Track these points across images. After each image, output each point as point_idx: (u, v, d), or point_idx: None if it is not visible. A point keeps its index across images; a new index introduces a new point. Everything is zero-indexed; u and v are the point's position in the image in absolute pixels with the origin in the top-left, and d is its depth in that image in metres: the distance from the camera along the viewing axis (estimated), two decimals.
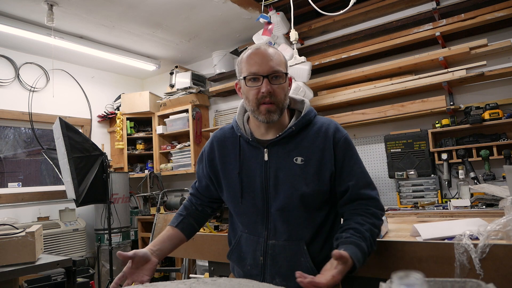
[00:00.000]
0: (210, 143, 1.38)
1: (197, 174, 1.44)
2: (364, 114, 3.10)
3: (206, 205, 1.43)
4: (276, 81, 1.19)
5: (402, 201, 2.86)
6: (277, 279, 1.20)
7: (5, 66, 3.79)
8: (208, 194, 1.41)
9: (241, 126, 1.30)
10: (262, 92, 1.17)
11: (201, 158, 1.41)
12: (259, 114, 1.20)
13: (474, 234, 1.19)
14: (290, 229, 1.20)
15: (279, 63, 1.20)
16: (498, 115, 2.56)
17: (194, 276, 3.37)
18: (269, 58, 1.19)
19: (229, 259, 1.35)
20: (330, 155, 1.20)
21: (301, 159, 1.20)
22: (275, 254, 1.21)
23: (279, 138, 1.23)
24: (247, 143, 1.28)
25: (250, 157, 1.27)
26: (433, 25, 2.88)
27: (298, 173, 1.20)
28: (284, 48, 3.10)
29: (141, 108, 4.41)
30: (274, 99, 1.18)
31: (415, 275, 0.43)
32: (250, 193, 1.25)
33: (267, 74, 1.17)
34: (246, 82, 1.21)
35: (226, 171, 1.30)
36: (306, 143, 1.22)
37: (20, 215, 3.70)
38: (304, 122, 1.25)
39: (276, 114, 1.20)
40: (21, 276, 2.44)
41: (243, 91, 1.24)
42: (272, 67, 1.18)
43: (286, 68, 1.25)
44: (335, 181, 1.22)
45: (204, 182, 1.40)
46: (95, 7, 3.12)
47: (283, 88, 1.21)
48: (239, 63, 1.26)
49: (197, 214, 1.42)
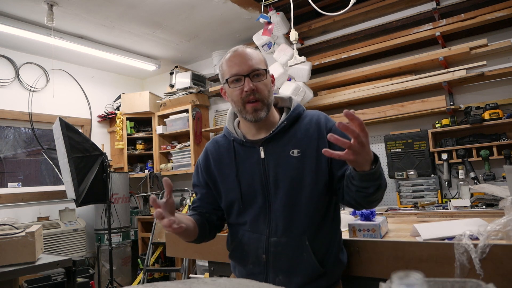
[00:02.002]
0: (205, 153, 1.38)
1: (195, 187, 1.41)
2: (364, 114, 3.10)
3: (211, 212, 1.38)
4: (257, 79, 1.22)
5: (402, 201, 2.86)
6: (280, 276, 1.21)
7: (5, 66, 3.79)
8: (210, 200, 1.37)
9: (233, 131, 1.32)
10: (245, 91, 1.20)
11: (196, 170, 1.41)
12: (246, 113, 1.23)
13: (474, 234, 1.19)
14: (291, 225, 1.21)
15: (258, 61, 1.23)
16: (498, 115, 2.56)
17: (194, 276, 3.37)
18: (248, 57, 1.22)
19: (230, 259, 1.35)
20: (324, 142, 1.21)
21: (298, 151, 1.22)
22: (277, 251, 1.21)
23: (273, 134, 1.25)
24: (241, 145, 1.29)
25: (246, 158, 1.28)
26: (433, 25, 2.88)
27: (297, 166, 1.21)
28: (284, 48, 3.10)
29: (141, 108, 4.41)
30: (258, 96, 1.21)
31: (415, 275, 0.43)
32: (251, 193, 1.25)
33: (247, 73, 1.20)
34: (229, 85, 1.24)
35: (223, 176, 1.31)
36: (300, 135, 1.25)
37: (20, 215, 3.70)
38: (294, 116, 1.28)
39: (263, 111, 1.22)
40: (21, 276, 2.44)
41: (228, 94, 1.27)
42: (251, 65, 1.21)
43: (266, 65, 1.28)
44: (333, 167, 1.22)
45: (203, 192, 1.38)
46: (95, 7, 3.12)
47: (265, 84, 1.24)
48: (220, 68, 1.29)
49: (206, 217, 1.36)
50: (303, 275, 1.19)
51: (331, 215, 1.27)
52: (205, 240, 1.35)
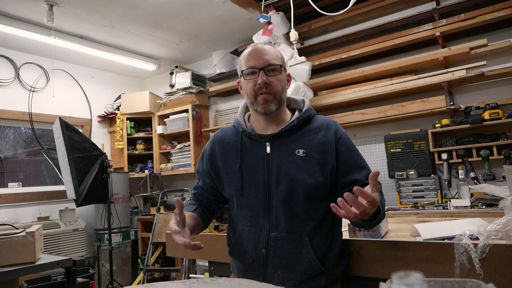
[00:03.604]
0: (211, 142, 1.41)
1: (199, 173, 1.45)
2: (364, 114, 3.10)
3: (212, 202, 1.43)
4: (272, 73, 1.25)
5: (402, 201, 2.86)
6: (279, 271, 1.21)
7: (5, 66, 3.79)
8: (212, 191, 1.41)
9: (243, 123, 1.35)
10: (258, 84, 1.23)
11: (202, 157, 1.44)
12: (257, 105, 1.25)
13: (474, 234, 1.19)
14: (292, 221, 1.22)
15: (274, 57, 1.27)
16: (498, 115, 2.56)
17: (194, 276, 3.37)
18: (265, 52, 1.26)
19: (230, 255, 1.36)
20: (332, 149, 1.24)
21: (303, 151, 1.24)
22: (277, 246, 1.22)
23: (282, 131, 1.26)
24: (248, 137, 1.32)
25: (252, 151, 1.29)
26: (433, 25, 2.88)
27: (300, 165, 1.22)
28: (284, 48, 3.10)
29: (141, 108, 4.42)
30: (271, 89, 1.24)
31: (415, 275, 0.43)
32: (252, 186, 1.26)
33: (262, 67, 1.24)
34: (244, 77, 1.28)
35: (227, 167, 1.32)
36: (307, 137, 1.27)
37: (20, 215, 3.70)
38: (305, 117, 1.30)
39: (274, 104, 1.24)
40: (21, 276, 2.44)
41: (243, 87, 1.30)
42: (267, 60, 1.24)
43: (283, 62, 1.30)
44: (339, 174, 1.25)
45: (206, 181, 1.41)
46: (95, 7, 3.12)
47: (279, 79, 1.26)
48: (239, 62, 1.33)
49: (206, 206, 1.41)
50: (302, 272, 1.20)
51: (331, 217, 1.27)
52: (206, 228, 1.42)
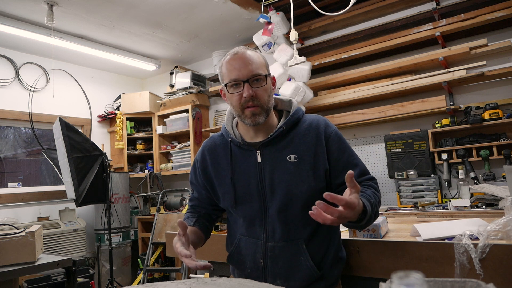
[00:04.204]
0: (202, 152, 1.37)
1: (193, 184, 1.42)
2: (364, 114, 3.10)
3: (210, 212, 1.41)
4: (257, 84, 1.19)
5: (402, 201, 2.86)
6: (278, 281, 1.20)
7: (5, 66, 3.79)
8: (209, 201, 1.39)
9: (231, 131, 1.30)
10: (244, 97, 1.17)
11: (194, 168, 1.40)
12: (245, 118, 1.20)
13: (474, 234, 1.19)
14: (288, 230, 1.20)
15: (258, 66, 1.20)
16: (498, 115, 2.56)
17: (194, 276, 3.37)
18: (248, 62, 1.18)
19: (229, 262, 1.35)
20: (322, 150, 1.21)
21: (295, 156, 1.21)
22: (274, 255, 1.20)
23: (270, 138, 1.23)
24: (238, 147, 1.28)
25: (243, 161, 1.26)
26: (433, 25, 2.88)
27: (293, 171, 1.20)
28: (284, 48, 3.10)
29: (141, 108, 4.42)
30: (258, 102, 1.18)
31: (415, 275, 0.43)
32: (247, 197, 1.24)
33: (247, 79, 1.17)
34: (228, 89, 1.21)
35: (219, 178, 1.30)
36: (297, 140, 1.23)
37: (20, 215, 3.70)
38: (293, 121, 1.25)
39: (262, 116, 1.20)
40: (21, 276, 2.44)
41: (227, 97, 1.25)
42: (251, 70, 1.17)
43: (267, 69, 1.24)
44: (331, 175, 1.22)
45: (202, 192, 1.39)
46: (95, 7, 3.12)
47: (265, 90, 1.21)
48: (220, 69, 1.26)
49: (206, 217, 1.39)
50: (301, 280, 1.19)
51: None
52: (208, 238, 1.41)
